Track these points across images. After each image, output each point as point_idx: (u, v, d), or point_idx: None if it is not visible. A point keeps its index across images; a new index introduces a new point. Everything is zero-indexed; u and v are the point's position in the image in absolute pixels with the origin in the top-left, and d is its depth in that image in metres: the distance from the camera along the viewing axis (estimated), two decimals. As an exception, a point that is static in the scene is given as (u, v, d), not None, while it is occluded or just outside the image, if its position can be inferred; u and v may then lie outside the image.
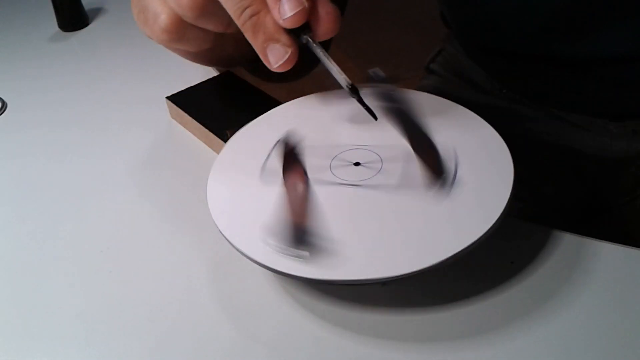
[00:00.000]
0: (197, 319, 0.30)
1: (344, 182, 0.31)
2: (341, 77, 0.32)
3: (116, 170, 0.41)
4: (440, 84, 0.63)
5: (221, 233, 0.29)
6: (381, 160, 0.32)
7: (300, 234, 0.28)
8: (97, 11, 0.67)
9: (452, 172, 0.30)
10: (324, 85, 0.38)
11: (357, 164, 0.32)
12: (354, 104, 0.34)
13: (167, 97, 0.44)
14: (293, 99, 0.37)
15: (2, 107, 0.50)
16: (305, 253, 0.26)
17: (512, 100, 0.56)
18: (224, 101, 0.43)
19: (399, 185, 0.30)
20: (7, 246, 0.36)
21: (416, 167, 0.31)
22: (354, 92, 0.32)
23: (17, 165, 0.43)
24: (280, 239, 0.27)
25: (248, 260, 0.27)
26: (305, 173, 0.31)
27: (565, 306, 0.28)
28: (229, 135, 0.36)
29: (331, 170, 0.32)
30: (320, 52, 0.32)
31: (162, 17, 0.34)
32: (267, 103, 0.33)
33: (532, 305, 0.29)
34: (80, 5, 0.63)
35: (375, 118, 0.32)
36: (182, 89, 0.44)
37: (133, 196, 0.39)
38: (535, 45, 0.48)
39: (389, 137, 0.33)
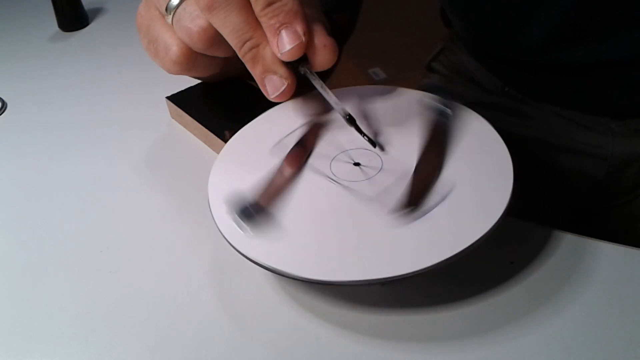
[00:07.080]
0: (197, 319, 0.30)
1: (330, 177, 0.31)
2: (339, 108, 0.33)
3: (116, 170, 0.41)
4: (441, 83, 0.63)
5: (221, 233, 0.29)
6: (380, 169, 0.31)
7: (254, 209, 0.29)
8: (97, 11, 0.67)
9: (427, 208, 0.28)
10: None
11: (357, 164, 0.32)
12: (362, 103, 0.33)
13: (167, 97, 0.44)
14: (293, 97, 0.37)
15: (2, 107, 0.50)
16: (247, 228, 0.28)
17: (514, 99, 0.56)
18: (224, 101, 0.43)
19: (372, 198, 0.29)
20: (8, 246, 0.36)
21: (401, 187, 0.30)
22: (351, 121, 0.33)
23: (17, 165, 0.43)
24: (234, 206, 0.29)
25: (248, 261, 0.27)
26: (306, 157, 0.32)
27: (565, 306, 0.28)
28: (228, 135, 0.36)
29: (330, 162, 0.32)
30: (317, 83, 0.32)
31: (174, 49, 0.34)
32: (267, 103, 0.33)
33: (532, 305, 0.29)
34: (80, 5, 0.63)
35: (374, 146, 0.32)
36: (182, 89, 0.44)
37: (133, 196, 0.39)
38: (538, 54, 0.49)
39: (404, 147, 0.32)
